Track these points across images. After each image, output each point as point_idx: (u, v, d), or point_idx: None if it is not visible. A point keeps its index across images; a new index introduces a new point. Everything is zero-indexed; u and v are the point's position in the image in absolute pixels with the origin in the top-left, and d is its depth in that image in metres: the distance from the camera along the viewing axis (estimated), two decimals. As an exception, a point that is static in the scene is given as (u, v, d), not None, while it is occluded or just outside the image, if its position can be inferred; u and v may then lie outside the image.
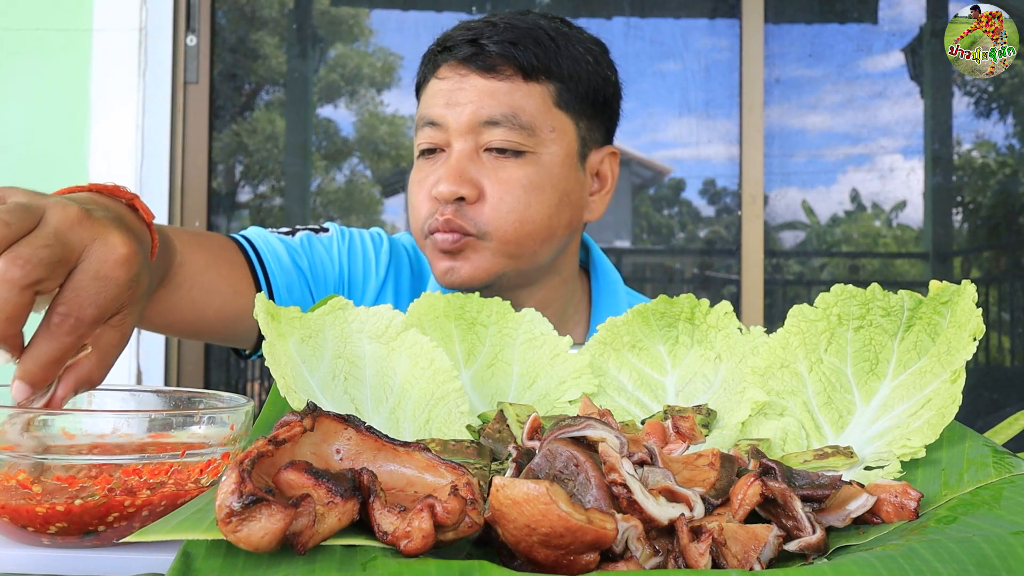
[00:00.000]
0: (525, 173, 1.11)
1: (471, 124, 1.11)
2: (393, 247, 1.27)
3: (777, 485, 0.51)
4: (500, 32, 1.12)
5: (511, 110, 1.11)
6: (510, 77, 1.12)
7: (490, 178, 1.11)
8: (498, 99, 1.11)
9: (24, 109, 2.38)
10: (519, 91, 1.12)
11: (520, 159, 1.12)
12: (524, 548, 0.45)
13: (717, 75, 2.83)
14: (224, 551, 0.44)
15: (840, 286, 0.68)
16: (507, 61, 1.12)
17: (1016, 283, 3.15)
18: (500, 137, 1.11)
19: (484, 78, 1.12)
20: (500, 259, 1.12)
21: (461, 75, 1.13)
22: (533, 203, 1.11)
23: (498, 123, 1.11)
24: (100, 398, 0.72)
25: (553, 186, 1.13)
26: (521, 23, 1.15)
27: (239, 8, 2.85)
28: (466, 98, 1.12)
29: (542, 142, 1.12)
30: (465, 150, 1.11)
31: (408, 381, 0.69)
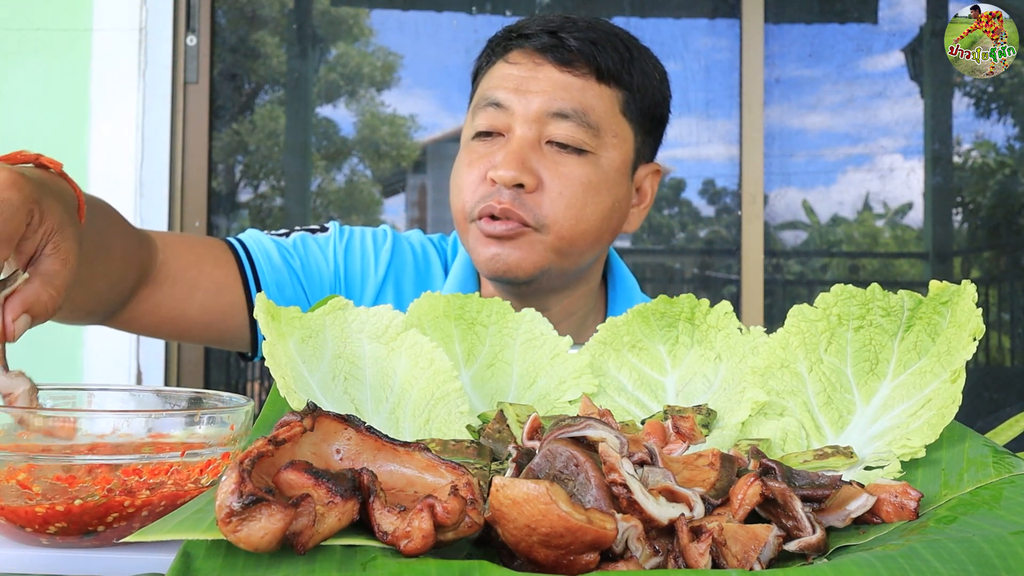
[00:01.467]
0: (585, 172, 1.10)
1: (539, 114, 1.10)
2: (396, 245, 1.25)
3: (777, 485, 0.51)
4: (581, 29, 1.12)
5: (582, 107, 1.10)
6: (585, 75, 1.11)
7: (550, 170, 1.10)
8: (571, 93, 1.11)
9: (24, 109, 2.38)
10: (591, 90, 1.12)
11: (581, 157, 1.11)
12: (524, 548, 0.45)
13: (717, 75, 2.83)
14: (224, 551, 0.44)
15: (840, 286, 0.68)
16: (585, 58, 1.11)
17: (1016, 283, 3.15)
18: (566, 132, 1.10)
19: (559, 70, 1.11)
20: (549, 254, 1.11)
21: (536, 63, 1.12)
22: (590, 203, 1.11)
23: (567, 117, 1.10)
24: (100, 398, 0.72)
25: (608, 190, 1.13)
26: (601, 26, 1.16)
27: (239, 8, 2.85)
28: (538, 87, 1.11)
29: (604, 145, 1.12)
30: (528, 137, 1.10)
31: (408, 381, 0.69)
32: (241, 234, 1.18)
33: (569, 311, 1.21)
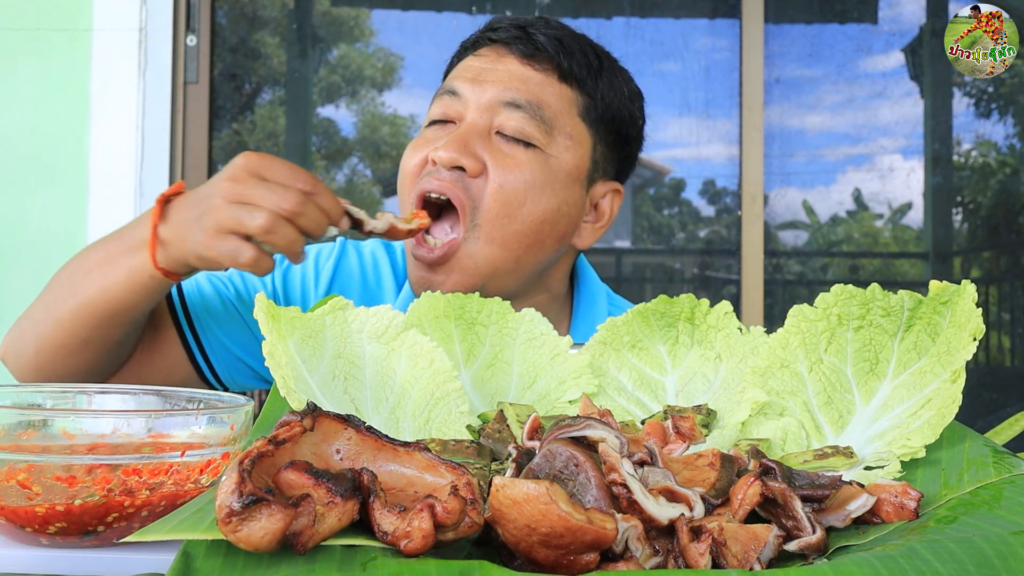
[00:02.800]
0: (531, 167, 1.05)
1: (491, 102, 1.06)
2: (341, 259, 1.20)
3: (777, 485, 0.51)
4: (551, 28, 1.10)
5: (536, 100, 1.07)
6: (546, 71, 1.08)
7: (495, 159, 1.05)
8: (527, 85, 1.07)
9: (24, 109, 2.38)
10: (550, 87, 1.08)
11: (529, 151, 1.06)
12: (524, 548, 0.45)
13: (717, 75, 2.83)
14: (224, 551, 0.44)
15: (840, 286, 0.68)
16: (548, 55, 1.08)
17: (1016, 283, 3.15)
18: (516, 124, 1.05)
19: (521, 63, 1.08)
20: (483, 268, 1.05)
21: (499, 55, 1.09)
22: (530, 200, 1.05)
23: (520, 107, 1.06)
24: (100, 398, 0.72)
25: (554, 192, 1.07)
26: (575, 33, 1.13)
27: (239, 8, 2.85)
28: (495, 77, 1.08)
29: (555, 144, 1.07)
30: (477, 125, 1.06)
31: (408, 381, 0.69)
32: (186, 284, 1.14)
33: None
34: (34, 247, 2.36)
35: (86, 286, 0.98)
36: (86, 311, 0.98)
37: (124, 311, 0.98)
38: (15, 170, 2.37)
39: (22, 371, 1.06)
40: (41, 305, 1.03)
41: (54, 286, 1.03)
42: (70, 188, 2.38)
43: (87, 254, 1.02)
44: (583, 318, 1.19)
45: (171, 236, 0.92)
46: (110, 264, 0.96)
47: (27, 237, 2.36)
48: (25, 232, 2.36)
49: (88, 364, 1.03)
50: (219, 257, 0.89)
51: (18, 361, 1.05)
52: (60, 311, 0.99)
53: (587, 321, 1.18)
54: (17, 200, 2.37)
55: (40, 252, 2.36)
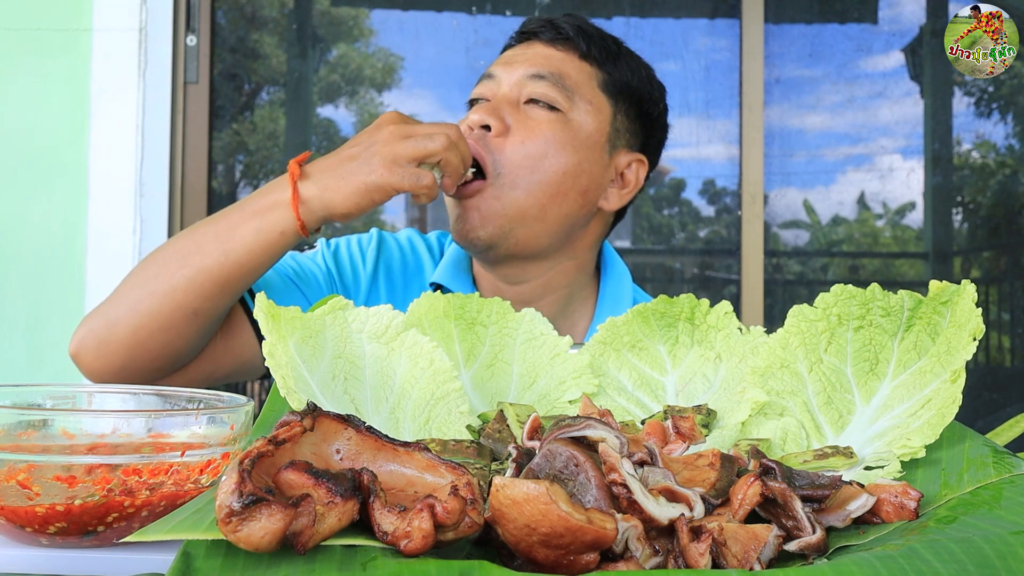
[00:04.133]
0: (552, 126, 1.17)
1: (520, 78, 1.19)
2: (382, 243, 1.32)
3: (777, 485, 0.51)
4: (577, 20, 1.24)
5: (559, 71, 1.20)
6: (568, 51, 1.21)
7: (518, 121, 1.17)
8: (551, 61, 1.21)
9: (24, 109, 2.38)
10: (571, 63, 1.21)
11: (551, 113, 1.18)
12: (524, 548, 0.45)
13: (717, 75, 2.83)
14: (224, 551, 0.44)
15: (840, 286, 0.68)
16: (571, 39, 1.21)
17: (1016, 283, 3.15)
18: (541, 90, 1.18)
19: (545, 46, 1.22)
20: (509, 210, 1.15)
21: (528, 44, 1.23)
22: (551, 155, 1.16)
23: (543, 77, 1.18)
24: (100, 398, 0.72)
25: (575, 148, 1.18)
26: (599, 28, 1.26)
27: (239, 8, 2.85)
28: (524, 59, 1.21)
29: (576, 108, 1.19)
30: (507, 95, 1.19)
31: (408, 381, 0.69)
32: None
33: (551, 285, 1.24)
34: (34, 247, 2.36)
35: (204, 255, 1.04)
36: (203, 278, 1.04)
37: (244, 275, 1.06)
38: (15, 170, 2.37)
39: (107, 359, 1.09)
40: (135, 285, 1.07)
41: (151, 266, 1.07)
42: (70, 188, 2.37)
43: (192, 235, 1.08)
44: (610, 296, 1.29)
45: (315, 190, 1.04)
46: (233, 230, 1.04)
47: (27, 237, 2.36)
48: (25, 232, 2.36)
49: (188, 340, 1.07)
50: (399, 183, 1.02)
51: (104, 349, 1.08)
52: (171, 283, 1.04)
53: (614, 299, 1.28)
54: (17, 200, 2.37)
55: (40, 252, 2.36)
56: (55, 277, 2.36)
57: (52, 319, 2.35)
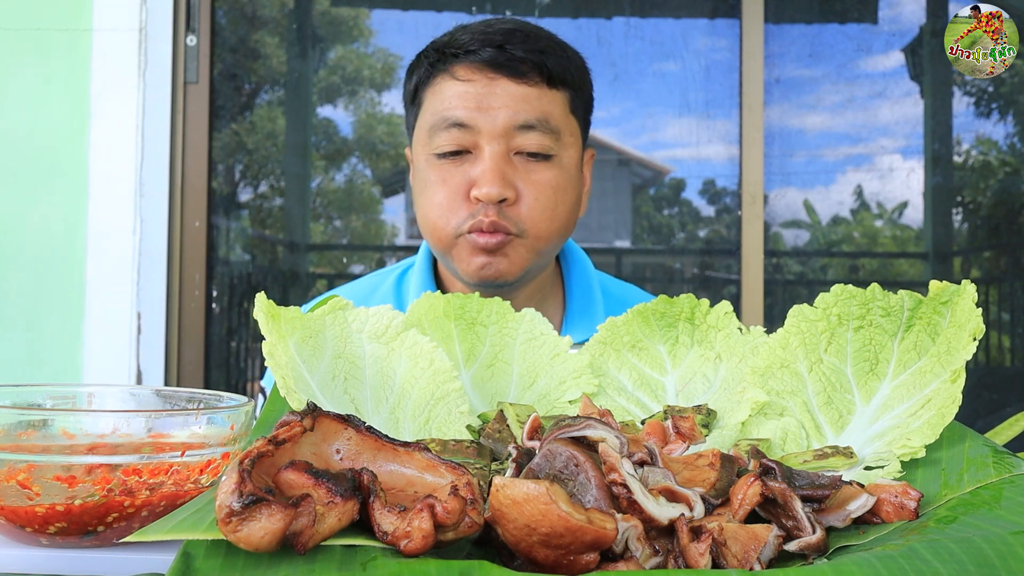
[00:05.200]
0: (553, 176, 1.18)
1: (506, 128, 1.15)
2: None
3: (777, 485, 0.51)
4: (524, 39, 1.17)
5: (543, 115, 1.17)
6: (538, 84, 1.17)
7: (524, 180, 1.17)
8: (531, 104, 1.16)
9: (24, 109, 2.38)
10: (546, 97, 1.17)
11: (547, 162, 1.18)
12: (524, 548, 0.45)
13: (717, 75, 2.83)
14: (224, 551, 0.44)
15: (840, 286, 0.68)
16: (535, 68, 1.16)
17: (1016, 283, 3.15)
18: (534, 142, 1.16)
19: (515, 83, 1.16)
20: (531, 256, 1.19)
21: (490, 78, 1.16)
22: (560, 203, 1.19)
23: (533, 127, 1.16)
24: (100, 398, 0.72)
25: (572, 186, 1.21)
26: (535, 31, 1.21)
27: (239, 8, 2.85)
28: (499, 102, 1.15)
29: (564, 146, 1.19)
30: (500, 152, 1.15)
31: (408, 381, 0.69)
32: None
33: (533, 295, 1.28)
34: (34, 247, 2.36)
35: None
36: None
37: None
38: (15, 170, 2.37)
39: None
40: None
41: None
42: (70, 188, 2.37)
43: None
44: (577, 290, 1.32)
45: None
46: None
47: (27, 237, 2.36)
48: (25, 232, 2.36)
49: None
50: None
51: None
52: None
53: (582, 291, 1.32)
54: (17, 200, 2.37)
55: (40, 252, 2.36)
56: (55, 277, 2.36)
57: (52, 319, 2.35)
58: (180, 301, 2.51)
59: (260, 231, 2.95)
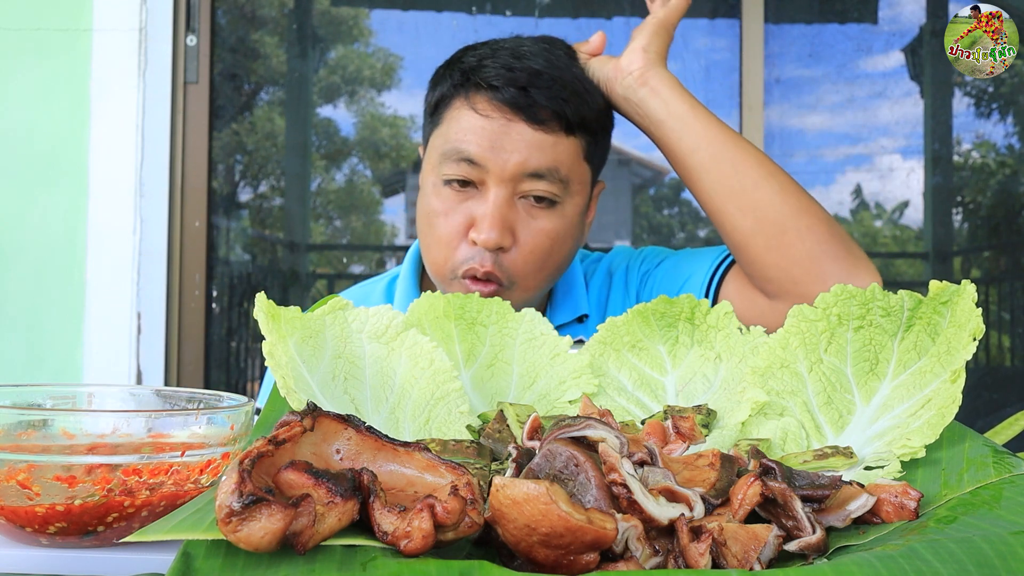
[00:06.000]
0: (553, 225, 1.16)
1: (515, 174, 1.13)
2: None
3: (777, 485, 0.51)
4: (550, 84, 1.14)
5: (554, 164, 1.14)
6: (555, 131, 1.14)
7: (524, 227, 1.15)
8: (544, 152, 1.14)
9: (24, 109, 2.38)
10: (561, 144, 1.15)
11: (551, 210, 1.16)
12: (524, 548, 0.45)
13: (717, 75, 2.83)
14: (224, 551, 0.44)
15: (840, 286, 0.68)
16: (555, 116, 1.14)
17: (1016, 283, 3.15)
18: (541, 188, 1.14)
19: (532, 128, 1.13)
20: (518, 302, 1.16)
21: (507, 119, 1.13)
22: (555, 252, 1.17)
23: (543, 176, 1.14)
24: (100, 398, 0.72)
25: (572, 235, 1.20)
26: (563, 75, 1.16)
27: (239, 8, 2.85)
28: (513, 146, 1.13)
29: (570, 194, 1.17)
30: (505, 196, 1.14)
31: (408, 381, 0.69)
32: None
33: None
34: (34, 247, 2.36)
35: None
36: None
37: None
38: (15, 170, 2.37)
39: None
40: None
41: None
42: (70, 188, 2.38)
43: None
44: (561, 286, 1.32)
45: None
46: None
47: (27, 237, 2.36)
48: (25, 232, 2.36)
49: None
50: None
51: None
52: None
53: (566, 284, 1.32)
54: (17, 200, 2.37)
55: (40, 252, 2.36)
56: (55, 277, 2.36)
57: (52, 319, 2.35)
58: (180, 301, 2.51)
59: (260, 231, 2.95)
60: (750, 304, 1.18)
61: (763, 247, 1.13)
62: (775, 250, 1.13)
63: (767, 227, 1.13)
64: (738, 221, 1.15)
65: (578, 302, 1.30)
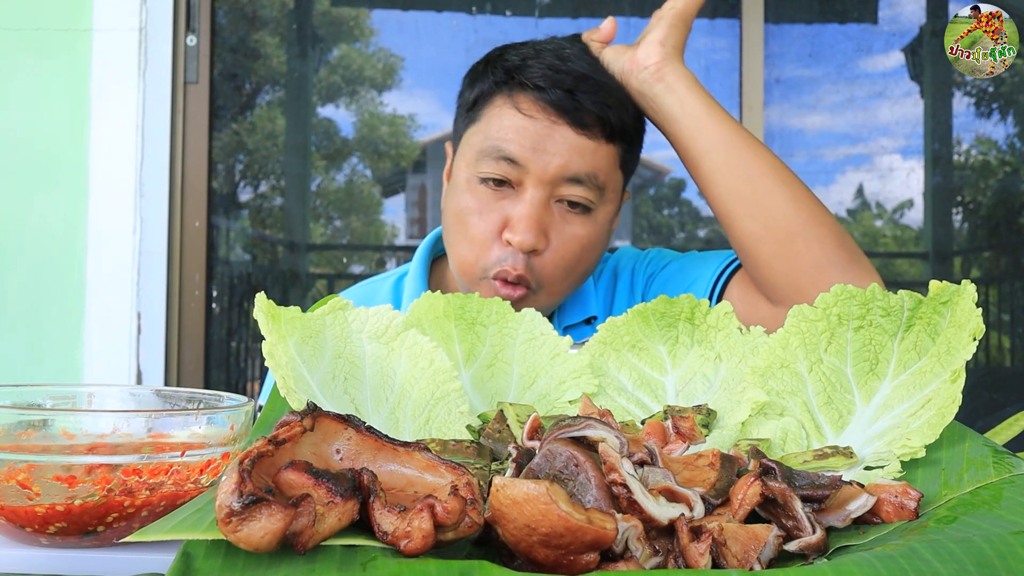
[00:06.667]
0: (586, 232, 1.15)
1: (555, 177, 1.12)
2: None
3: (777, 485, 0.51)
4: (595, 89, 1.13)
5: (594, 170, 1.13)
6: (596, 137, 1.13)
7: (557, 232, 1.14)
8: (585, 158, 1.13)
9: (24, 109, 2.38)
10: (601, 151, 1.14)
11: (585, 216, 1.15)
12: (524, 548, 0.45)
13: (717, 75, 2.83)
14: (224, 551, 0.44)
15: (840, 286, 0.68)
16: (599, 122, 1.13)
17: (1016, 283, 3.15)
18: (579, 194, 1.13)
19: (576, 133, 1.12)
20: (543, 307, 1.17)
21: (552, 121, 1.12)
22: (584, 259, 1.17)
23: (581, 182, 1.13)
24: (100, 398, 0.72)
25: (601, 242, 1.20)
26: (606, 81, 1.16)
27: (239, 8, 2.85)
28: (555, 149, 1.12)
29: (604, 201, 1.17)
30: (542, 199, 1.13)
31: (408, 381, 0.69)
32: None
33: None
34: (34, 247, 2.36)
35: None
36: None
37: None
38: (15, 170, 2.37)
39: None
40: None
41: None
42: (70, 188, 2.38)
43: None
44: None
45: None
46: None
47: (27, 237, 2.36)
48: (25, 232, 2.36)
49: None
50: None
51: None
52: None
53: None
54: (17, 200, 2.37)
55: (40, 252, 2.36)
56: (55, 277, 2.36)
57: (52, 319, 2.35)
58: (180, 301, 2.51)
59: (260, 231, 2.95)
60: (753, 309, 1.17)
61: (771, 254, 1.12)
62: (782, 258, 1.12)
63: (776, 234, 1.12)
64: (747, 226, 1.14)
65: (587, 303, 1.29)
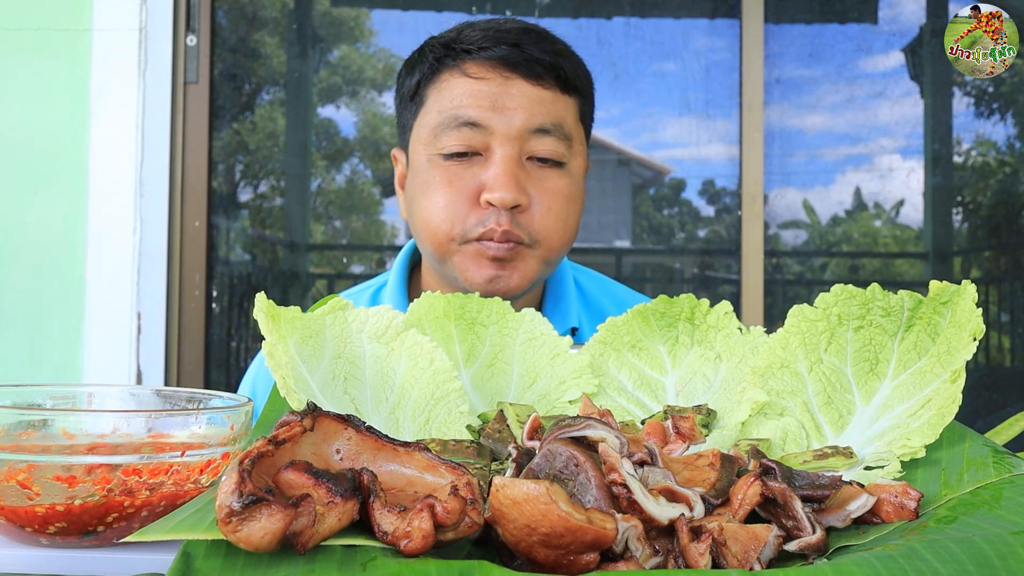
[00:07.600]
0: (564, 184, 1.14)
1: (521, 131, 1.10)
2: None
3: (777, 485, 0.51)
4: (539, 40, 1.13)
5: (558, 120, 1.12)
6: (552, 87, 1.12)
7: (536, 187, 1.12)
8: (546, 108, 1.12)
9: (24, 109, 2.38)
10: (560, 101, 1.13)
11: (559, 170, 1.14)
12: (524, 548, 0.45)
13: (717, 75, 2.83)
14: (224, 551, 0.44)
15: (840, 286, 0.68)
16: (551, 71, 1.12)
17: (1016, 283, 3.15)
18: (549, 147, 1.12)
19: (531, 84, 1.11)
20: (540, 266, 1.15)
21: (505, 77, 1.10)
22: (570, 212, 1.15)
23: (548, 132, 1.11)
24: (100, 398, 0.72)
25: (580, 195, 1.18)
26: (547, 33, 1.16)
27: (239, 8, 2.85)
28: (515, 103, 1.10)
29: (574, 154, 1.16)
30: (513, 156, 1.10)
31: (408, 381, 0.69)
32: None
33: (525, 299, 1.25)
34: (34, 247, 2.36)
35: None
36: None
37: None
38: (15, 170, 2.37)
39: None
40: None
41: None
42: (70, 188, 2.38)
43: None
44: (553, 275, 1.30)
45: None
46: None
47: (27, 237, 2.36)
48: (25, 232, 2.36)
49: None
50: None
51: None
52: None
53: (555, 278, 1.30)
54: (17, 200, 2.37)
55: (40, 252, 2.36)
56: (55, 277, 2.36)
57: (52, 319, 2.35)
58: (180, 301, 2.51)
59: (260, 231, 2.95)
60: None
61: None
62: None
63: None
64: None
65: (568, 313, 1.26)
